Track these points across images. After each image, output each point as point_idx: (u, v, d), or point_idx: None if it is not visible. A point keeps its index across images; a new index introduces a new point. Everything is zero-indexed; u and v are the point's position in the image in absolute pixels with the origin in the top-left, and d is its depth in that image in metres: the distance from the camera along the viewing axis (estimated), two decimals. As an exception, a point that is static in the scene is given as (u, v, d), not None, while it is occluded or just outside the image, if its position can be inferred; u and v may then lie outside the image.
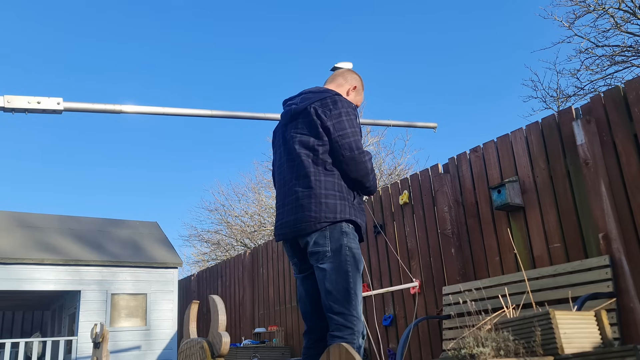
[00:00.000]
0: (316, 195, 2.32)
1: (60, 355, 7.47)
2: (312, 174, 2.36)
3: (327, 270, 2.25)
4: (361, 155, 2.36)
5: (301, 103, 2.50)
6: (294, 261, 2.49)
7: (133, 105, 4.14)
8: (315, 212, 2.30)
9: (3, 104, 3.63)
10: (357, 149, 2.35)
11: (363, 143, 2.69)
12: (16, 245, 7.70)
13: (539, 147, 3.89)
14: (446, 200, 4.53)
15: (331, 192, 2.33)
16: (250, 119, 4.71)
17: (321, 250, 2.28)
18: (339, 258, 2.26)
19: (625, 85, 3.42)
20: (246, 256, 8.03)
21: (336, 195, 2.33)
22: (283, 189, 2.48)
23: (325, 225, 2.29)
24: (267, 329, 7.01)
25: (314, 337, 2.41)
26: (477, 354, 1.93)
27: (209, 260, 17.67)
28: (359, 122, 2.47)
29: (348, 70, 2.80)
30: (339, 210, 2.31)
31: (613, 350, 2.01)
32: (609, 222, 3.35)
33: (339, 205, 2.32)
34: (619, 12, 9.12)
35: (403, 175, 13.63)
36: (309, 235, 2.31)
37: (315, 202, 2.31)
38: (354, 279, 2.25)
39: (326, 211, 2.29)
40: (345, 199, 2.35)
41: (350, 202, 2.36)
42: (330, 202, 2.31)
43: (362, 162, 2.36)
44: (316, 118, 2.40)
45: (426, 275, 4.70)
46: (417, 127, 5.92)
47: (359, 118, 2.51)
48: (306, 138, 2.41)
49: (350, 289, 2.22)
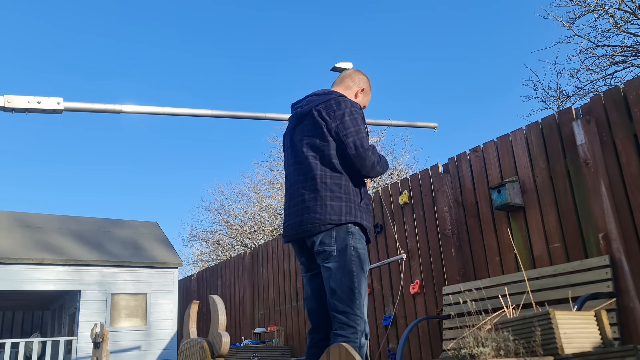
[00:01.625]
0: (321, 197, 2.36)
1: (60, 355, 7.47)
2: (318, 177, 2.40)
3: (332, 270, 2.28)
4: (365, 152, 2.40)
5: (306, 106, 2.56)
6: (302, 260, 2.53)
7: (133, 105, 4.14)
8: (320, 214, 2.34)
9: (3, 103, 3.63)
10: (360, 147, 2.39)
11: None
12: (16, 245, 7.70)
13: (539, 147, 3.89)
14: (446, 200, 4.53)
15: (337, 194, 2.36)
16: (251, 118, 4.72)
17: (327, 250, 2.31)
18: (344, 258, 2.28)
19: (625, 85, 3.42)
20: (246, 256, 8.03)
21: (342, 197, 2.36)
22: (290, 190, 2.53)
23: (330, 227, 2.32)
24: (267, 329, 7.01)
25: (318, 337, 2.43)
26: (477, 354, 1.93)
27: (209, 260, 17.67)
28: (364, 120, 2.50)
29: (355, 71, 2.81)
30: (344, 212, 2.34)
31: (613, 350, 2.01)
32: (609, 222, 3.35)
33: (344, 207, 2.35)
34: (619, 12, 9.12)
35: (403, 175, 13.63)
36: (315, 236, 2.35)
37: (321, 204, 2.35)
38: (358, 278, 2.27)
39: (331, 213, 2.33)
40: (351, 201, 2.38)
41: (356, 204, 2.39)
42: (335, 204, 2.34)
43: (367, 158, 2.41)
44: (321, 120, 2.44)
45: (426, 275, 4.70)
46: (417, 127, 5.93)
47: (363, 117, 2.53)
48: (312, 140, 2.46)
49: (355, 289, 2.24)
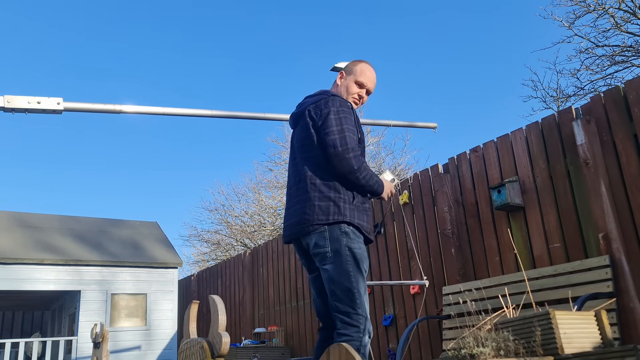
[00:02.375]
0: (310, 198, 2.36)
1: (60, 355, 7.47)
2: (308, 178, 2.39)
3: (329, 271, 2.29)
4: (344, 152, 2.30)
5: (299, 108, 2.58)
6: (303, 262, 2.55)
7: (133, 105, 4.14)
8: (308, 215, 2.34)
9: (3, 104, 3.63)
10: (341, 146, 2.31)
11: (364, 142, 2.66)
12: (16, 245, 7.70)
13: (539, 147, 3.88)
14: (446, 200, 4.53)
15: (325, 195, 2.34)
16: (251, 119, 4.72)
17: (322, 252, 2.31)
18: (340, 259, 2.28)
19: (625, 85, 3.42)
20: (246, 256, 8.03)
21: (330, 197, 2.34)
22: (288, 192, 2.56)
23: (317, 227, 2.32)
24: (267, 329, 7.01)
25: (326, 335, 2.44)
26: (477, 354, 1.93)
27: (209, 260, 17.66)
28: (354, 121, 2.43)
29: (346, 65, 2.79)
30: (332, 212, 2.32)
31: (613, 350, 2.02)
32: (609, 222, 3.35)
33: (332, 207, 2.33)
34: (619, 12, 9.12)
35: (403, 175, 13.63)
36: (308, 237, 2.36)
37: (309, 205, 2.35)
38: (355, 278, 2.26)
39: (319, 213, 2.32)
40: (342, 200, 2.34)
41: (348, 203, 2.35)
42: (324, 204, 2.33)
43: (346, 159, 2.30)
44: (309, 120, 2.44)
45: (426, 275, 4.70)
46: (417, 127, 5.93)
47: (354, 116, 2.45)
48: (304, 141, 2.47)
49: (353, 289, 2.24)
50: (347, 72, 2.64)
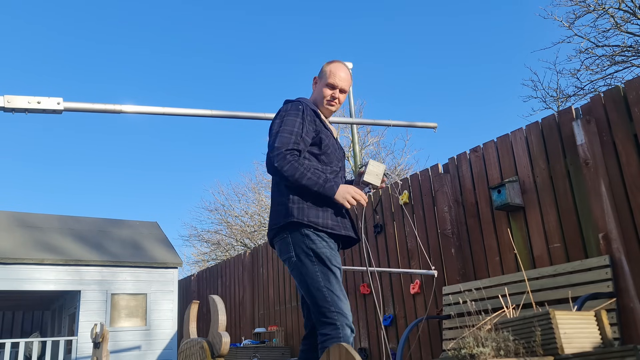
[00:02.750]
0: (272, 203, 2.44)
1: (60, 355, 7.46)
2: (273, 183, 2.47)
3: (297, 275, 2.31)
4: (270, 151, 2.29)
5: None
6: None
7: (133, 105, 4.14)
8: (271, 219, 2.40)
9: (3, 104, 3.63)
10: (270, 147, 2.31)
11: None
12: (16, 245, 7.70)
13: (539, 147, 3.88)
14: (446, 200, 4.53)
15: (280, 199, 2.37)
16: (251, 119, 4.71)
17: (286, 258, 2.34)
18: (302, 261, 2.28)
19: (625, 85, 3.42)
20: (246, 256, 8.03)
21: (283, 201, 2.34)
22: None
23: (278, 232, 2.35)
24: (267, 329, 7.01)
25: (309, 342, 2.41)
26: (477, 354, 1.93)
27: (209, 260, 17.67)
28: (301, 120, 2.35)
29: None
30: (282, 214, 2.32)
31: (613, 350, 2.01)
32: (609, 222, 3.35)
33: (282, 210, 2.33)
34: (619, 12, 9.12)
35: (403, 175, 13.63)
36: (275, 243, 2.41)
37: (272, 209, 2.42)
38: (324, 277, 2.26)
39: (275, 217, 2.37)
40: (290, 201, 2.31)
41: (297, 203, 2.31)
42: (281, 208, 2.35)
43: (268, 158, 2.29)
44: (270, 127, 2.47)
45: (426, 275, 4.70)
46: (417, 127, 5.93)
47: (304, 117, 2.37)
48: None
49: (321, 288, 2.24)
50: (319, 77, 2.60)
